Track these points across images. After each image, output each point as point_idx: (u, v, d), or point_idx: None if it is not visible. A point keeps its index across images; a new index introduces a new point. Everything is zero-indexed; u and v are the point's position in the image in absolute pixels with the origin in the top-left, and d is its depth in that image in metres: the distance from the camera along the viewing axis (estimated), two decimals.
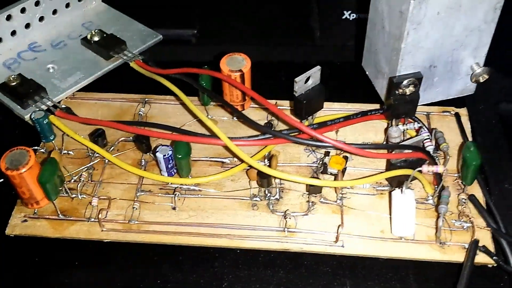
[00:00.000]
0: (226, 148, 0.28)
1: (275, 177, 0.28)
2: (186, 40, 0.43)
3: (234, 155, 0.28)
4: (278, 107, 0.34)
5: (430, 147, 0.29)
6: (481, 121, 0.35)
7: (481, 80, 0.29)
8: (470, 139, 0.32)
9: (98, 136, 0.31)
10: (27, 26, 0.37)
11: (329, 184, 0.28)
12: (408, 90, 0.28)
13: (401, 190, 0.27)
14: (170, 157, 0.29)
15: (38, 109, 0.32)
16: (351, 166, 0.31)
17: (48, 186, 0.28)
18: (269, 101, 0.34)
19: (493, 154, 0.33)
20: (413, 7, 0.26)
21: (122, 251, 0.29)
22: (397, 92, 0.28)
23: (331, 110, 0.33)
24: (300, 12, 0.45)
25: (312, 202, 0.29)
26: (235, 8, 0.46)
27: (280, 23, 0.44)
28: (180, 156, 0.28)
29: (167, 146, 0.29)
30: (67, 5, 0.38)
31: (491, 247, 0.27)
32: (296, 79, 0.29)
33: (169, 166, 0.29)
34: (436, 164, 0.28)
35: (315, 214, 0.29)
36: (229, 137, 0.28)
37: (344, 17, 0.44)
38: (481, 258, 0.27)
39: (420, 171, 0.28)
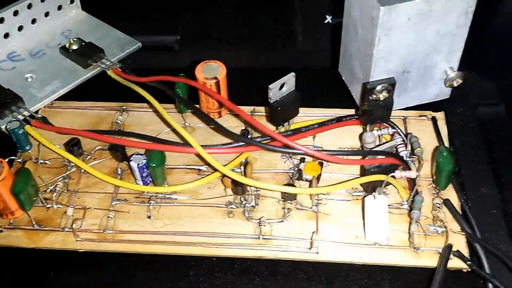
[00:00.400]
0: (200, 156, 0.28)
1: (247, 185, 0.28)
2: (169, 47, 0.43)
3: (208, 164, 0.28)
4: (256, 114, 0.34)
5: (403, 152, 0.29)
6: (459, 124, 0.35)
7: (455, 85, 0.29)
8: (446, 143, 0.32)
9: (73, 146, 0.31)
10: (6, 36, 0.37)
11: (301, 191, 0.28)
12: (382, 96, 0.28)
13: (374, 196, 0.27)
14: (144, 166, 0.29)
15: (14, 119, 0.32)
16: (327, 172, 0.31)
17: (21, 196, 0.28)
18: (246, 108, 0.34)
19: (471, 158, 0.33)
20: (383, 14, 0.26)
21: (97, 260, 0.29)
22: (371, 97, 0.28)
23: (309, 116, 0.33)
24: (283, 17, 0.45)
25: (288, 208, 0.29)
26: (219, 14, 0.46)
27: (263, 29, 0.44)
28: (154, 165, 0.28)
29: (142, 154, 0.29)
30: (47, 14, 0.38)
31: (466, 252, 0.27)
32: (270, 86, 0.29)
33: (144, 174, 0.29)
34: (409, 169, 0.28)
35: (291, 221, 0.29)
36: (202, 145, 0.28)
37: (326, 21, 0.44)
38: (455, 263, 0.27)
39: (393, 177, 0.28)
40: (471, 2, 0.27)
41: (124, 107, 0.35)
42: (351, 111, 0.33)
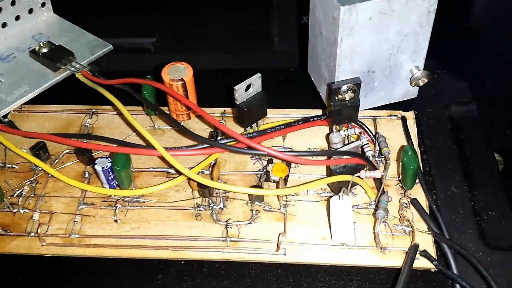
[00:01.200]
0: (163, 159, 0.28)
1: (212, 188, 0.28)
2: (145, 49, 0.43)
3: (172, 166, 0.28)
4: (226, 115, 0.34)
5: (369, 152, 0.29)
6: (430, 124, 0.35)
7: (421, 84, 0.29)
8: (415, 142, 0.32)
9: (39, 149, 0.30)
10: None
11: (266, 192, 0.28)
12: (348, 96, 0.28)
13: (339, 196, 0.27)
14: (109, 169, 0.29)
15: None
16: (296, 174, 0.31)
17: None
18: (216, 109, 0.34)
19: (441, 157, 0.33)
20: (344, 13, 0.26)
21: (64, 265, 0.28)
22: (336, 98, 0.28)
23: (279, 117, 0.33)
24: (260, 18, 0.45)
25: (256, 210, 0.29)
26: (195, 16, 0.46)
27: (240, 30, 0.44)
28: (118, 168, 0.28)
29: (106, 158, 0.29)
30: (17, 18, 0.38)
31: (433, 252, 0.27)
32: (236, 87, 0.28)
33: (110, 178, 0.29)
34: (375, 169, 0.28)
35: (259, 223, 0.29)
36: (168, 148, 0.28)
37: (303, 22, 0.44)
38: (421, 263, 0.27)
39: (359, 177, 0.27)
40: (432, 1, 0.27)
41: (93, 110, 0.34)
42: (315, 112, 0.33)
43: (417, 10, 0.27)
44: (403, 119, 0.33)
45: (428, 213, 0.29)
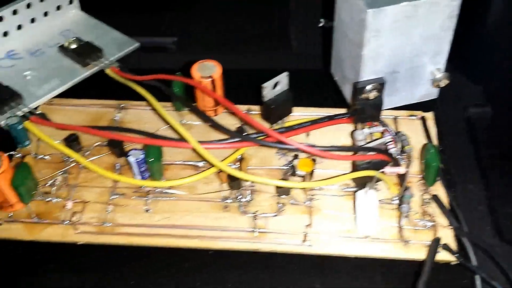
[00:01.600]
0: (196, 152, 0.29)
1: (242, 179, 0.29)
2: (166, 48, 0.44)
3: (204, 159, 0.29)
4: (251, 112, 0.35)
5: (393, 149, 0.30)
6: (449, 124, 0.36)
7: (442, 85, 0.31)
8: (435, 142, 0.33)
9: (72, 141, 0.31)
10: (5, 34, 0.37)
11: (295, 185, 0.29)
12: (372, 95, 0.29)
13: (365, 191, 0.28)
14: (142, 161, 0.30)
15: (13, 115, 0.32)
16: (320, 168, 0.32)
17: (21, 189, 0.28)
18: (241, 106, 0.35)
19: (459, 156, 0.34)
20: (371, 16, 0.27)
21: (95, 253, 0.29)
22: (361, 96, 0.29)
23: (303, 115, 0.34)
24: (278, 20, 0.46)
25: (282, 203, 0.30)
26: (215, 16, 0.47)
27: (259, 32, 0.45)
28: (151, 160, 0.29)
29: (139, 150, 0.30)
30: (46, 14, 0.39)
31: (453, 245, 0.28)
32: (264, 84, 0.30)
33: (142, 169, 0.30)
34: (398, 165, 0.29)
35: (285, 215, 0.30)
36: (199, 141, 0.29)
37: (320, 25, 0.45)
38: (443, 256, 0.28)
39: (383, 172, 0.29)
40: (454, 6, 0.28)
41: (122, 105, 0.35)
42: (340, 111, 0.34)
43: (440, 14, 0.28)
44: (423, 119, 0.34)
45: (448, 209, 0.30)
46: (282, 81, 0.30)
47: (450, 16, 0.28)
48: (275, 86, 0.30)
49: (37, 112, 0.33)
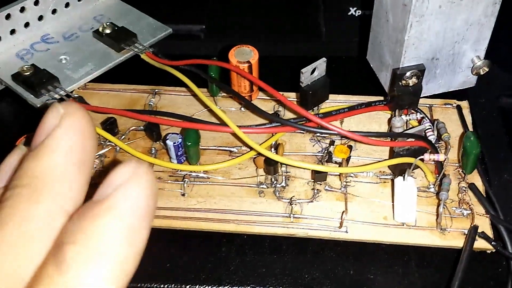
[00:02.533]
0: (235, 136, 0.29)
1: (282, 164, 0.29)
2: (194, 35, 0.44)
3: (243, 142, 0.29)
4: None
5: (431, 137, 0.30)
6: (482, 114, 0.36)
7: (482, 73, 0.30)
8: (471, 130, 0.33)
9: (110, 125, 0.32)
10: (40, 18, 0.38)
11: (336, 170, 0.29)
12: (411, 82, 0.29)
13: (404, 178, 0.28)
14: (179, 145, 0.30)
15: (51, 98, 0.33)
16: (354, 156, 0.32)
17: None
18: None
19: (493, 146, 0.34)
20: (416, 0, 0.27)
21: None
22: (400, 83, 0.29)
23: (336, 102, 0.34)
24: (306, 9, 0.46)
25: (317, 189, 0.30)
26: (242, 4, 0.47)
27: (287, 19, 0.45)
28: (189, 144, 0.29)
29: (177, 134, 0.30)
30: None
31: (490, 233, 0.28)
32: (302, 70, 0.30)
33: (179, 153, 0.30)
34: (437, 152, 0.29)
35: (320, 201, 0.30)
36: (238, 126, 0.29)
37: (349, 13, 0.45)
38: (480, 243, 0.28)
39: (422, 159, 0.28)
40: None
41: (156, 90, 0.36)
42: (375, 98, 0.34)
43: (484, 0, 0.28)
44: (459, 108, 0.34)
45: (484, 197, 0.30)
46: (320, 67, 0.30)
47: (494, 2, 0.28)
48: (313, 72, 0.30)
49: (75, 96, 0.33)
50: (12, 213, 0.13)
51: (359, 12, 0.44)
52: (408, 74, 0.29)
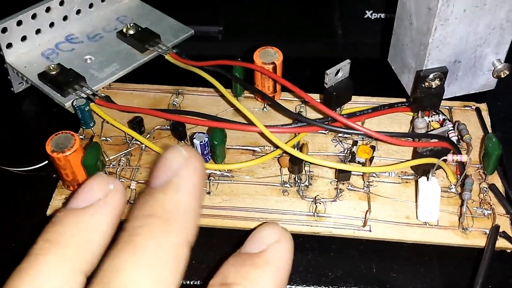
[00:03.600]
0: (262, 135, 0.30)
1: (306, 163, 0.30)
2: (212, 37, 0.45)
3: (270, 141, 0.30)
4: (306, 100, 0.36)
5: (453, 138, 0.30)
6: (500, 116, 0.36)
7: (502, 76, 0.31)
8: (490, 132, 0.33)
9: (136, 124, 0.32)
10: (65, 18, 0.38)
11: (362, 169, 0.30)
12: (434, 84, 0.30)
13: (427, 178, 0.28)
14: (206, 144, 0.30)
15: (77, 97, 0.33)
16: (377, 156, 0.32)
17: (91, 168, 0.29)
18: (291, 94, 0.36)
19: (510, 147, 0.34)
20: (441, 4, 0.27)
21: None
22: (423, 85, 0.30)
23: (357, 103, 0.35)
24: (322, 11, 0.47)
25: (340, 189, 0.31)
26: (258, 6, 0.47)
27: (302, 21, 0.46)
28: (216, 143, 0.30)
29: (203, 133, 0.31)
30: (103, 0, 0.40)
31: (510, 233, 0.29)
32: (327, 71, 0.30)
33: (205, 152, 0.31)
34: (460, 153, 0.29)
35: (343, 201, 0.31)
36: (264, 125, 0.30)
37: (366, 16, 0.45)
38: (500, 243, 0.29)
39: (445, 160, 0.29)
40: None
41: (179, 91, 0.36)
42: (394, 100, 0.34)
43: (506, 5, 0.29)
44: (478, 110, 0.34)
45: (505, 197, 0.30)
46: (344, 68, 0.31)
47: None
48: (337, 73, 0.31)
49: (102, 95, 0.34)
50: (149, 240, 0.16)
51: (375, 15, 0.45)
52: (431, 76, 0.30)
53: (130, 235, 0.16)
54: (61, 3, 0.37)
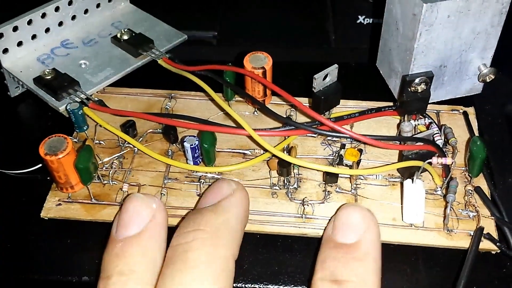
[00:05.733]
0: (251, 138, 0.30)
1: (295, 165, 0.30)
2: (207, 42, 0.45)
3: (258, 145, 0.30)
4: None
5: (439, 141, 0.31)
6: (488, 120, 0.37)
7: (488, 80, 0.31)
8: (477, 135, 0.34)
9: (129, 127, 0.33)
10: (60, 24, 0.39)
11: (348, 172, 0.30)
12: (420, 88, 0.30)
13: (412, 180, 0.29)
14: (196, 147, 0.31)
15: (72, 101, 0.34)
16: (364, 159, 0.33)
17: (83, 171, 0.30)
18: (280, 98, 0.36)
19: (498, 151, 0.35)
20: (426, 10, 0.28)
21: None
22: (409, 89, 0.30)
23: (346, 107, 0.36)
24: (316, 16, 0.47)
25: (328, 191, 0.31)
26: (253, 11, 0.48)
27: (296, 27, 0.47)
28: (206, 146, 0.30)
29: (194, 136, 0.31)
30: (98, 5, 0.41)
31: (495, 235, 0.29)
32: (315, 76, 0.31)
33: (195, 155, 0.31)
34: (445, 156, 0.30)
35: (331, 203, 0.31)
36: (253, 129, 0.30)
37: (358, 21, 0.46)
38: (485, 244, 0.29)
39: (430, 163, 0.30)
40: (505, 3, 0.29)
41: (172, 95, 0.37)
42: (384, 104, 0.35)
43: (491, 10, 0.29)
44: (465, 114, 0.35)
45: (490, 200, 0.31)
46: (332, 73, 0.31)
47: (500, 12, 0.29)
48: (325, 77, 0.31)
49: (95, 99, 0.34)
50: (202, 254, 0.18)
51: (367, 20, 0.45)
52: (417, 80, 0.30)
53: (184, 250, 0.18)
54: (57, 9, 0.38)
